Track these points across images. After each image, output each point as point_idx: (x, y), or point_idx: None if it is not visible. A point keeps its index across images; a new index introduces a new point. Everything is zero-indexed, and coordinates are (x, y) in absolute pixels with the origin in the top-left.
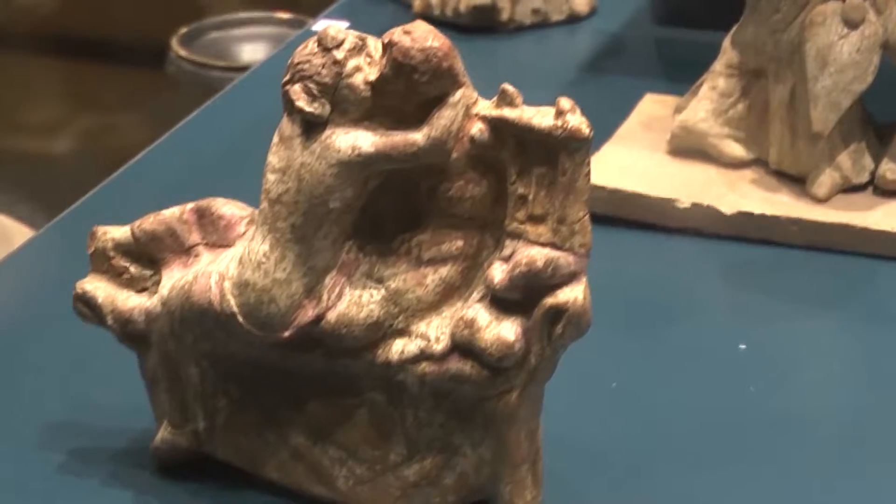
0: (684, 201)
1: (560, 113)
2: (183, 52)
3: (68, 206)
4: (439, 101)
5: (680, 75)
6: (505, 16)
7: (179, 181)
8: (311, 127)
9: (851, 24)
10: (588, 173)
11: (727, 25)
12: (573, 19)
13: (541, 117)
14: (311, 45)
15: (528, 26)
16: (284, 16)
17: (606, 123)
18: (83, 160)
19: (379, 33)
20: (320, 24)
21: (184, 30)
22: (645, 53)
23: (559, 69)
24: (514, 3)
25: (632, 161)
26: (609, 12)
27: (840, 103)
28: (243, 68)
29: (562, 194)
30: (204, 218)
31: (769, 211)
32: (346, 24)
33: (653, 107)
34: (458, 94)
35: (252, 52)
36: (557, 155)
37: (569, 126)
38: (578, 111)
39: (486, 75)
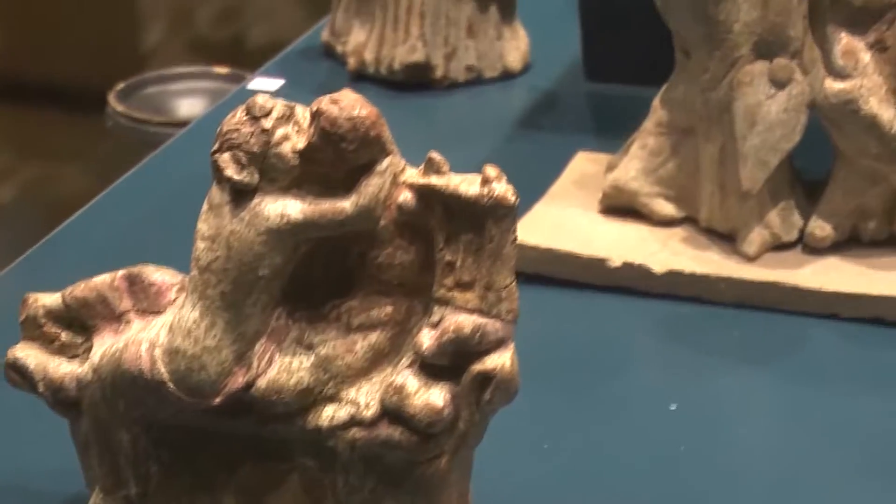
0: (616, 260)
1: (486, 181)
2: (120, 108)
3: (5, 262)
4: (367, 168)
5: (612, 131)
6: (439, 73)
7: (115, 242)
8: (240, 195)
9: (779, 83)
10: (515, 240)
11: (659, 82)
12: (507, 76)
13: (467, 185)
14: (240, 113)
15: (462, 83)
16: (222, 70)
17: (539, 181)
18: (25, 210)
19: (314, 90)
20: (256, 82)
21: (121, 85)
22: (577, 109)
23: (493, 125)
24: (448, 61)
25: (564, 220)
26: (542, 68)
27: (769, 162)
28: (181, 123)
29: (489, 261)
30: (135, 285)
31: (699, 269)
32: (281, 81)
33: (585, 164)
34: (386, 162)
35: (190, 106)
36: (484, 222)
37: (495, 194)
38: (504, 179)
39: (421, 132)
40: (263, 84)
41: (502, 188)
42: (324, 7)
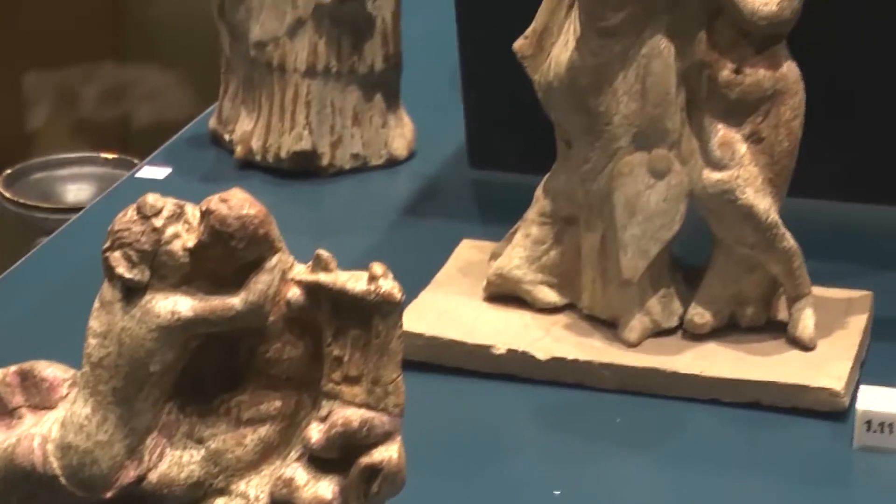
0: (500, 347)
1: (373, 278)
2: (7, 194)
3: None
4: (256, 265)
5: (497, 218)
6: (325, 161)
7: (5, 335)
8: (132, 292)
9: (658, 174)
10: (401, 335)
11: (542, 169)
12: (392, 163)
13: (354, 282)
14: (131, 212)
15: (349, 170)
16: (110, 156)
17: (425, 269)
18: None
19: (201, 179)
20: (144, 171)
21: (7, 171)
22: (462, 197)
23: (379, 213)
24: (334, 148)
25: (449, 307)
26: (427, 155)
27: (649, 251)
28: (69, 209)
29: (376, 356)
30: (27, 380)
31: (582, 356)
32: (168, 169)
33: (470, 252)
34: (275, 259)
35: (77, 192)
36: (371, 318)
37: (381, 291)
38: (390, 276)
39: (308, 220)
40: (151, 173)
41: (388, 285)
42: (211, 85)
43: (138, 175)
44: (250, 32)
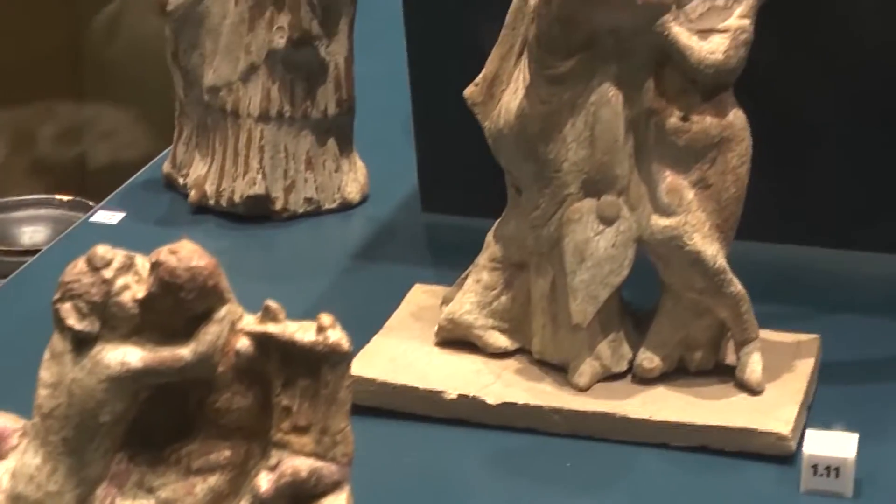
0: (451, 393)
1: (321, 329)
2: None
3: None
4: (206, 316)
5: (449, 262)
6: (279, 205)
7: None
8: (82, 343)
9: (606, 220)
10: (350, 385)
11: (495, 213)
12: (345, 207)
13: (303, 333)
14: (81, 264)
15: (302, 214)
16: (65, 198)
17: (378, 313)
18: None
19: (155, 223)
20: (99, 215)
21: None
22: (415, 240)
23: (332, 257)
24: (288, 193)
25: (401, 353)
26: (380, 199)
27: (598, 296)
28: (24, 252)
29: (324, 406)
30: None
31: (532, 401)
32: (122, 214)
33: (422, 296)
34: (224, 310)
35: (33, 234)
36: (320, 368)
37: (329, 342)
38: (338, 326)
39: (262, 264)
40: (105, 217)
41: (336, 336)
42: (168, 126)
43: (93, 220)
44: (204, 78)
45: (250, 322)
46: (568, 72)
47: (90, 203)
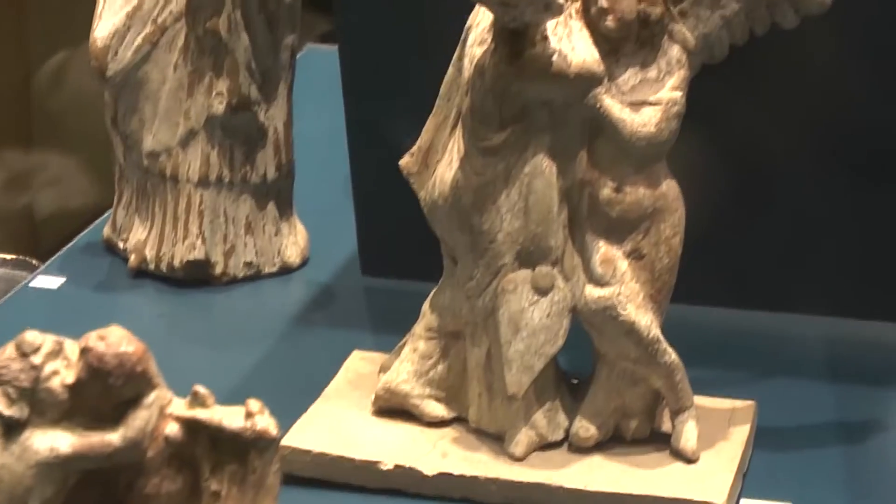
0: (387, 463)
1: (249, 415)
2: None
3: None
4: (135, 401)
5: (389, 327)
6: (218, 269)
7: None
8: (11, 429)
9: (541, 291)
10: (278, 470)
11: (435, 276)
12: (285, 270)
13: (231, 418)
14: (10, 349)
15: (242, 279)
16: (8, 256)
17: (316, 380)
18: None
19: (95, 288)
20: (39, 280)
21: None
22: (355, 305)
23: (272, 322)
24: (228, 257)
25: (338, 422)
26: (320, 262)
27: (533, 366)
28: None
29: (252, 491)
30: None
31: (468, 471)
32: (62, 279)
33: (360, 364)
34: (153, 395)
35: None
36: (247, 454)
37: (257, 427)
38: (267, 412)
39: (202, 330)
40: (45, 282)
41: (265, 421)
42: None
43: (33, 284)
44: (143, 143)
45: (179, 407)
46: (501, 143)
47: (33, 262)
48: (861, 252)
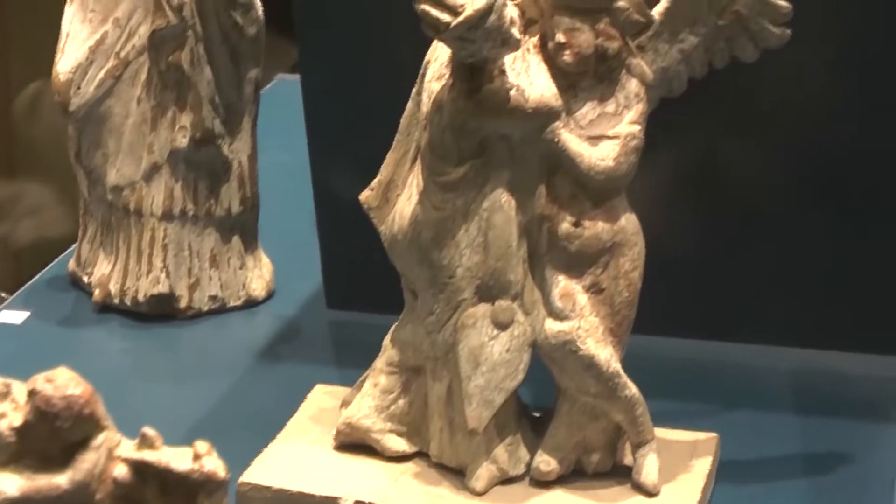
0: (347, 499)
1: (197, 457)
2: None
3: None
4: (83, 444)
5: (352, 361)
6: (183, 303)
7: None
8: None
9: (501, 325)
10: None
11: (399, 310)
12: (251, 304)
13: (179, 460)
14: None
15: (207, 312)
16: None
17: (279, 414)
18: None
19: (60, 323)
20: (2, 315)
21: None
22: (319, 339)
23: (236, 356)
24: (192, 291)
25: (299, 457)
26: (286, 296)
27: (493, 401)
28: None
29: None
30: None
31: None
32: (27, 313)
33: (323, 398)
34: (101, 437)
35: None
36: (196, 495)
37: (205, 470)
38: (215, 454)
39: (166, 364)
40: (9, 317)
41: (213, 463)
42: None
43: None
44: (107, 177)
45: (128, 448)
46: (460, 178)
47: (2, 294)
48: (823, 282)
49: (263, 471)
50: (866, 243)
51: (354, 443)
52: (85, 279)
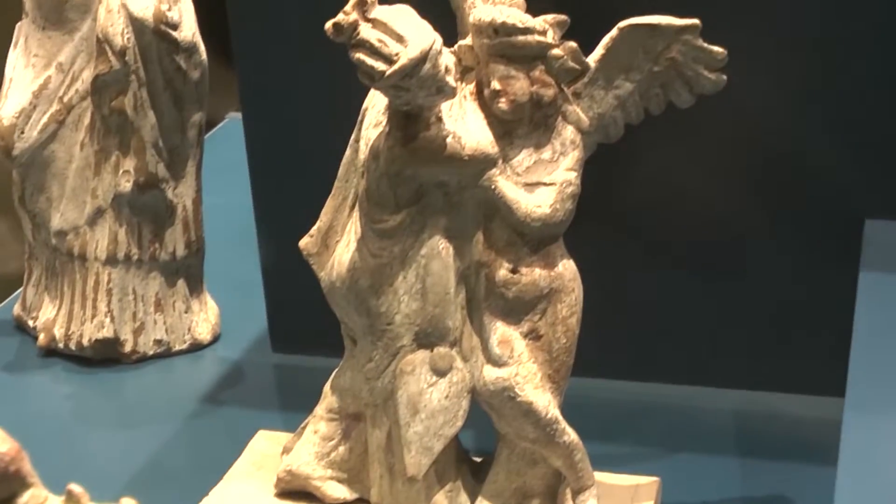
0: None
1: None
2: None
3: None
4: (9, 501)
5: (296, 405)
6: (128, 347)
7: None
8: None
9: (439, 372)
10: None
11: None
12: (196, 347)
13: None
14: None
15: (152, 356)
16: None
17: (222, 460)
18: None
19: (3, 368)
20: None
21: None
22: (264, 383)
23: (181, 400)
24: (137, 335)
25: None
26: (231, 339)
27: (432, 448)
28: None
29: None
30: None
31: None
32: None
33: (265, 444)
34: (27, 494)
35: None
36: None
37: None
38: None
39: (111, 409)
40: None
41: None
42: None
43: None
44: (51, 221)
45: None
46: (397, 225)
47: None
48: (764, 324)
49: None
50: (806, 287)
51: (295, 490)
52: (30, 323)
